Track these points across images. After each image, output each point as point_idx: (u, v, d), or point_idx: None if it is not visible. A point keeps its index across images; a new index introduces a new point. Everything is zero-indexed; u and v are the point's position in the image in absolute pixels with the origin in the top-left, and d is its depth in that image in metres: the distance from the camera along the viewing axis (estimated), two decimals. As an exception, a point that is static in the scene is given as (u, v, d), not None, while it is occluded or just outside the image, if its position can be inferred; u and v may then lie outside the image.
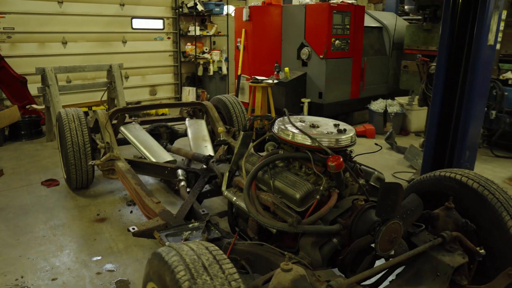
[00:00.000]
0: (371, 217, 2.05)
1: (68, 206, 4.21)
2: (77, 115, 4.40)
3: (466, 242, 2.25)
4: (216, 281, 1.48)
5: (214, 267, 1.54)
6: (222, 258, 1.60)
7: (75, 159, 4.20)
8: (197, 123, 4.96)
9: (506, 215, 2.31)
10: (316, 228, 1.98)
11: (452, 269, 2.05)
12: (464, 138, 3.85)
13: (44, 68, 6.12)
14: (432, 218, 2.37)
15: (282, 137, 2.32)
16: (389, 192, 1.91)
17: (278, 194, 2.22)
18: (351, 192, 2.22)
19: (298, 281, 1.69)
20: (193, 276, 1.49)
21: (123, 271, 3.11)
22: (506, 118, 6.06)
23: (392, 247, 2.03)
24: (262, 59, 7.80)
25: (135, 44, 8.93)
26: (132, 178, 3.59)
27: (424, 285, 2.08)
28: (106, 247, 3.45)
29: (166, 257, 1.61)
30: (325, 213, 2.03)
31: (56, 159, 5.51)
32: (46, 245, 3.46)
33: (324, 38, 6.82)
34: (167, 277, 1.52)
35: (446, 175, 2.60)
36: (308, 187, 2.11)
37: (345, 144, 2.22)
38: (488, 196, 2.37)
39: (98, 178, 4.93)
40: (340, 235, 2.07)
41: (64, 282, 2.97)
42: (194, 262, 1.56)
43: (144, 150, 4.33)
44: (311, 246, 2.00)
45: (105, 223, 3.86)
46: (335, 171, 2.05)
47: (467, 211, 2.40)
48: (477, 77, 3.65)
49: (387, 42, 8.37)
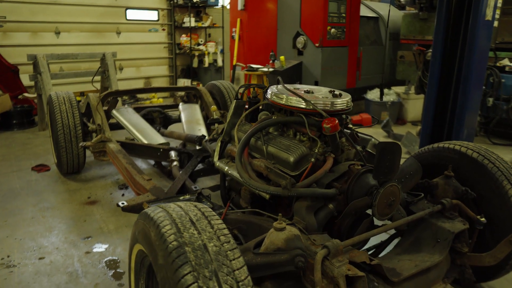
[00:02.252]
0: (368, 181, 1.97)
1: (58, 190, 4.11)
2: (68, 97, 4.31)
3: (466, 210, 2.17)
4: (204, 235, 1.40)
5: (202, 222, 1.46)
6: (211, 214, 1.52)
7: (66, 141, 4.11)
8: (191, 107, 4.87)
9: (507, 184, 2.24)
10: (311, 191, 1.90)
11: (452, 235, 1.98)
12: (461, 120, 3.80)
13: (36, 55, 6.02)
14: (431, 187, 2.29)
15: (275, 101, 2.23)
16: (386, 152, 1.83)
17: (271, 160, 2.14)
18: (347, 158, 2.14)
19: (291, 240, 1.61)
20: (180, 230, 1.40)
21: (113, 251, 3.02)
22: (503, 105, 6.01)
23: (390, 212, 1.95)
24: (257, 48, 7.72)
25: (129, 35, 8.83)
26: (123, 158, 3.50)
27: (424, 252, 2.01)
28: (96, 227, 3.36)
29: (152, 213, 1.52)
30: (320, 176, 1.95)
31: (48, 147, 5.40)
32: (35, 226, 3.37)
33: (320, 26, 6.75)
34: (152, 233, 1.44)
35: (445, 146, 2.54)
36: (302, 150, 2.03)
37: (341, 108, 2.14)
38: (488, 165, 2.31)
39: (90, 164, 4.84)
40: (336, 201, 1.99)
41: (51, 261, 2.88)
42: (181, 217, 1.47)
43: (136, 132, 4.24)
44: (306, 210, 1.91)
45: (95, 206, 3.77)
46: (330, 133, 1.97)
47: (467, 181, 2.33)
48: (475, 53, 3.60)
49: (383, 33, 8.31)
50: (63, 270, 2.78)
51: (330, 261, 1.62)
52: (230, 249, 1.38)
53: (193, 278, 1.26)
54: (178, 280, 1.26)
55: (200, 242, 1.36)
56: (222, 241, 1.39)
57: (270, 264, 1.55)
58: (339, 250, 1.64)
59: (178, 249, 1.33)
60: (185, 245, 1.34)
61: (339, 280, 1.57)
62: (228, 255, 1.35)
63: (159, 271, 1.36)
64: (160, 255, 1.36)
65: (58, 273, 2.74)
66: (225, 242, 1.39)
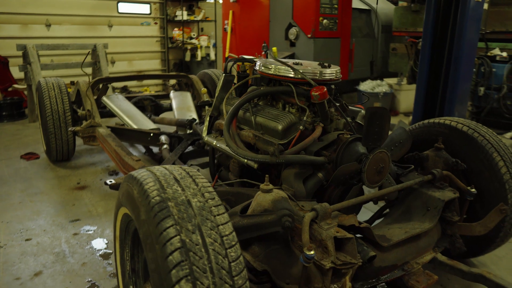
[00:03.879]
0: (358, 149, 1.95)
1: (47, 177, 4.06)
2: (57, 83, 4.26)
3: (457, 181, 2.16)
4: (188, 191, 1.36)
5: (187, 180, 1.43)
6: (196, 173, 1.48)
7: (55, 127, 4.05)
8: (182, 94, 4.83)
9: (497, 156, 2.24)
10: (300, 157, 1.87)
11: (442, 203, 1.96)
12: (453, 101, 3.82)
13: (26, 45, 5.95)
14: (421, 159, 2.28)
15: (264, 72, 2.20)
16: (375, 118, 1.81)
17: (260, 131, 2.11)
18: (336, 128, 2.12)
19: (279, 201, 1.59)
20: (163, 187, 1.37)
21: (101, 232, 2.98)
22: (494, 94, 6.02)
23: (380, 179, 1.93)
24: (249, 40, 7.69)
25: (121, 28, 8.77)
26: (112, 141, 3.46)
27: (414, 221, 1.99)
28: (85, 211, 3.31)
29: (135, 174, 1.49)
30: (309, 144, 1.93)
31: (38, 137, 5.34)
32: (22, 210, 3.31)
33: (312, 17, 6.73)
34: (135, 191, 1.40)
35: (435, 122, 2.53)
36: (291, 118, 2.00)
37: (330, 78, 2.12)
38: (478, 138, 2.30)
39: (80, 152, 4.79)
40: (325, 169, 1.97)
41: (38, 242, 2.83)
42: (165, 176, 1.44)
43: (126, 118, 4.19)
44: (294, 177, 1.89)
45: (85, 191, 3.72)
46: (319, 101, 1.94)
47: (457, 154, 2.32)
48: (466, 34, 3.60)
49: (376, 25, 8.32)
50: (50, 250, 2.73)
51: (318, 224, 1.60)
52: (214, 205, 1.35)
53: (176, 231, 1.23)
54: (160, 233, 1.23)
55: (184, 198, 1.33)
56: (207, 198, 1.36)
57: (257, 225, 1.53)
58: (327, 213, 1.61)
59: (160, 203, 1.30)
60: (168, 200, 1.31)
61: (328, 242, 1.55)
62: (212, 211, 1.32)
63: (141, 226, 1.32)
64: (143, 211, 1.32)
65: (45, 253, 2.70)
66: (209, 199, 1.36)
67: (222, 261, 1.24)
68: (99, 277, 2.45)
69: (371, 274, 1.73)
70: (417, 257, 1.90)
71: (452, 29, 3.80)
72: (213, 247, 1.24)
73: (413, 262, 1.87)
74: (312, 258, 1.44)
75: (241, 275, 1.26)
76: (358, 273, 1.69)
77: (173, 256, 1.19)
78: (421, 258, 1.91)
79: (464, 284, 2.43)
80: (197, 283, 1.18)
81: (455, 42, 3.77)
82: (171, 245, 1.21)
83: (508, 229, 2.27)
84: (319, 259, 1.56)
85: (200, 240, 1.24)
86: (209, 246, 1.24)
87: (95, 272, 2.50)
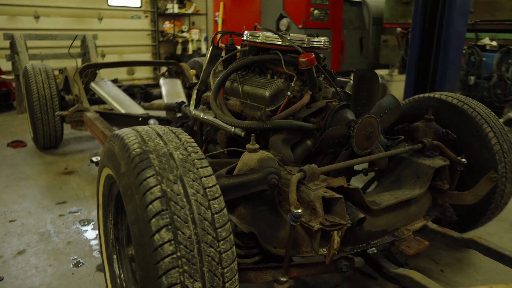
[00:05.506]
0: (346, 115, 1.91)
1: (34, 163, 3.98)
2: (45, 68, 4.18)
3: (447, 151, 2.14)
4: (170, 145, 1.32)
5: (169, 135, 1.38)
6: (179, 131, 1.44)
7: (42, 113, 3.98)
8: (172, 81, 4.77)
9: (487, 127, 2.22)
10: (288, 122, 1.84)
11: (433, 170, 1.94)
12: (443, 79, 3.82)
13: (13, 35, 5.85)
14: (411, 130, 2.25)
15: (251, 41, 2.16)
16: (363, 82, 1.78)
17: (247, 99, 2.07)
18: (325, 96, 2.08)
19: (265, 160, 1.54)
20: (144, 140, 1.32)
21: (88, 214, 2.92)
22: (485, 83, 6.05)
23: (369, 145, 1.89)
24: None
25: (111, 21, 8.68)
26: (100, 124, 3.39)
27: (404, 188, 1.96)
28: (71, 194, 3.25)
29: (117, 131, 1.44)
30: (297, 109, 1.89)
31: (26, 127, 5.25)
32: (8, 194, 3.24)
33: (303, 7, 6.71)
34: (116, 146, 1.35)
35: (425, 96, 2.52)
36: (278, 84, 1.97)
37: (318, 46, 2.08)
38: (468, 110, 2.28)
39: (68, 140, 4.72)
40: (314, 137, 1.93)
41: (23, 223, 2.77)
42: (147, 131, 1.40)
43: (115, 103, 4.12)
44: (282, 142, 1.85)
45: (72, 175, 3.65)
46: (307, 67, 1.91)
47: (448, 126, 2.30)
48: (455, 15, 3.60)
49: (367, 18, 8.32)
50: (34, 231, 2.67)
51: (306, 185, 1.56)
52: (197, 158, 1.31)
53: (156, 181, 1.18)
54: (140, 183, 1.19)
55: (166, 150, 1.29)
56: (190, 152, 1.32)
57: (243, 184, 1.48)
58: (315, 174, 1.58)
59: (141, 155, 1.25)
60: (149, 152, 1.26)
61: (316, 203, 1.51)
62: (195, 163, 1.28)
63: (121, 180, 1.27)
64: (123, 164, 1.28)
65: (29, 233, 2.64)
66: (192, 152, 1.32)
67: (204, 212, 1.19)
68: (85, 255, 2.39)
69: (361, 238, 1.69)
70: (407, 224, 1.87)
71: (442, 8, 3.82)
72: (196, 198, 1.20)
73: (403, 228, 1.84)
74: (300, 217, 1.40)
75: (225, 228, 1.22)
76: (347, 237, 1.66)
77: (153, 205, 1.15)
78: (412, 225, 1.88)
79: (456, 258, 2.41)
80: (178, 233, 1.14)
81: (444, 22, 3.79)
82: (151, 194, 1.16)
83: (499, 201, 2.25)
84: (307, 220, 1.52)
85: (181, 191, 1.19)
86: (191, 197, 1.19)
87: (81, 250, 2.44)
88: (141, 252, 1.15)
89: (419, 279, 1.52)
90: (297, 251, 1.59)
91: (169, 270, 1.11)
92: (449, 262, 2.37)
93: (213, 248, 1.17)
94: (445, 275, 2.25)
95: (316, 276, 2.19)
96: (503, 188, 2.21)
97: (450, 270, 2.29)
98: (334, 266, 1.63)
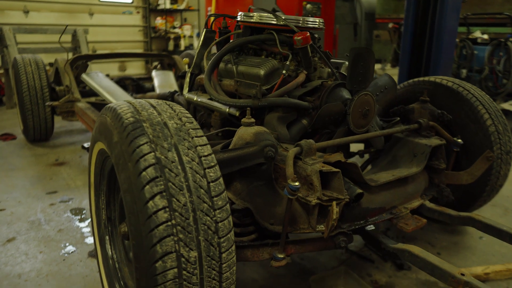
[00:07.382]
0: (342, 94, 1.89)
1: (24, 155, 3.91)
2: (35, 59, 4.11)
3: (443, 132, 2.13)
4: (164, 115, 1.28)
5: (163, 106, 1.35)
6: (173, 103, 1.40)
7: (32, 104, 3.91)
8: (164, 73, 4.72)
9: (482, 109, 2.21)
10: (283, 100, 1.81)
11: (429, 148, 1.92)
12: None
13: (1, 28, 5.75)
14: (407, 112, 2.24)
15: (246, 21, 2.13)
16: (359, 59, 1.76)
17: (242, 79, 2.04)
18: (320, 76, 2.06)
19: (261, 134, 1.52)
20: (138, 110, 1.28)
21: (79, 202, 2.87)
22: (476, 76, 6.07)
23: (365, 123, 1.87)
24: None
25: (102, 17, 8.58)
26: (92, 113, 3.34)
27: (401, 167, 1.94)
28: (62, 184, 3.19)
29: (110, 104, 1.40)
30: (292, 88, 1.86)
31: (15, 121, 5.15)
32: (-4, 184, 3.18)
33: (296, 2, 6.70)
34: (109, 117, 1.32)
35: (420, 80, 2.51)
36: (273, 63, 1.94)
37: (313, 26, 2.06)
38: (463, 92, 2.28)
39: (59, 133, 4.65)
40: (310, 116, 1.90)
41: (12, 212, 2.71)
42: (141, 103, 1.36)
43: (107, 94, 4.05)
44: (277, 120, 1.82)
45: (63, 166, 3.59)
46: (302, 45, 1.88)
47: (443, 108, 2.29)
48: (447, 9, 3.63)
49: (359, 13, 8.33)
50: (24, 219, 2.61)
51: (303, 160, 1.53)
52: (192, 128, 1.27)
53: (150, 148, 1.15)
54: (133, 150, 1.15)
55: (160, 119, 1.25)
56: (184, 121, 1.29)
57: (239, 157, 1.45)
58: (312, 149, 1.55)
59: (134, 123, 1.21)
60: (142, 121, 1.23)
61: (313, 177, 1.48)
62: (190, 133, 1.25)
63: (113, 149, 1.24)
64: (115, 133, 1.24)
65: (19, 221, 2.58)
66: (187, 122, 1.29)
67: (200, 180, 1.16)
68: (76, 242, 2.34)
69: (358, 215, 1.67)
70: (405, 203, 1.85)
71: (434, 2, 3.85)
72: (191, 166, 1.17)
73: (401, 206, 1.82)
74: (297, 190, 1.37)
75: (221, 197, 1.18)
76: (345, 214, 1.63)
77: (146, 172, 1.11)
78: (409, 203, 1.86)
79: (452, 241, 2.40)
80: (173, 200, 1.10)
81: (437, 15, 3.81)
82: (145, 161, 1.13)
83: (494, 183, 2.25)
84: (304, 196, 1.49)
85: (176, 158, 1.16)
86: (186, 164, 1.16)
87: (72, 238, 2.39)
88: (134, 221, 1.12)
89: (418, 253, 1.50)
90: (294, 227, 1.56)
91: (163, 238, 1.08)
92: (445, 245, 2.36)
93: (209, 217, 1.14)
94: (442, 258, 2.23)
95: (312, 259, 2.17)
96: (498, 169, 2.21)
97: (447, 253, 2.28)
98: (332, 242, 1.60)
